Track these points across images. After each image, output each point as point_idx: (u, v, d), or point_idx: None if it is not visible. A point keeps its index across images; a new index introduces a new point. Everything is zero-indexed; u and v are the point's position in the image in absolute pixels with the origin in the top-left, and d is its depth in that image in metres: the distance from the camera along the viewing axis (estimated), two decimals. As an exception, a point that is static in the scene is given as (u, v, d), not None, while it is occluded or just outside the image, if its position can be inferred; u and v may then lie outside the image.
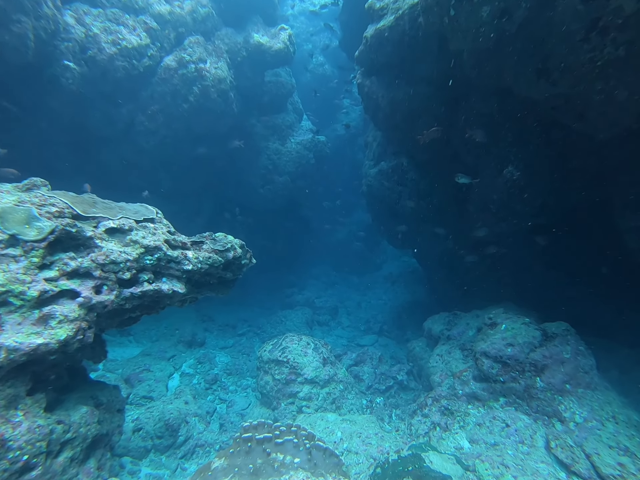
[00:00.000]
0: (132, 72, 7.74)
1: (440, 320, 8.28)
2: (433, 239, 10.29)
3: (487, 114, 6.97)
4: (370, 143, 11.90)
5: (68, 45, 6.97)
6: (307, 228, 16.18)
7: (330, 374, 6.80)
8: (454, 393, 5.64)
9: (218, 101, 8.71)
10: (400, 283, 17.03)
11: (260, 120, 11.67)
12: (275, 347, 7.07)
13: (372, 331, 13.88)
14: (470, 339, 6.89)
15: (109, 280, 3.46)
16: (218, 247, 4.48)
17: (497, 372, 5.23)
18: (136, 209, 4.23)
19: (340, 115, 19.48)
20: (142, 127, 8.53)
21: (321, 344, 7.38)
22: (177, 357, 10.80)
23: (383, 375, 8.43)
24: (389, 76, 7.65)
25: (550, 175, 6.52)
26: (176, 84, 8.28)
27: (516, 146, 6.71)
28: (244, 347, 12.01)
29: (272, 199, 12.22)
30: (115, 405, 4.15)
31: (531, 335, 5.31)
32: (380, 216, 11.75)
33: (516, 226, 7.49)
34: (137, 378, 9.22)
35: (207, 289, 4.88)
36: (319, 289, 16.58)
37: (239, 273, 5.03)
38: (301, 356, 6.80)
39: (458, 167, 8.69)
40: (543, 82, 4.20)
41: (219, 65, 8.60)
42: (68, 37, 7.03)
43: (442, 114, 7.71)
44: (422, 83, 7.45)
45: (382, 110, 7.83)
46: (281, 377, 6.67)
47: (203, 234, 4.59)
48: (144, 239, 3.80)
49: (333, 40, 18.82)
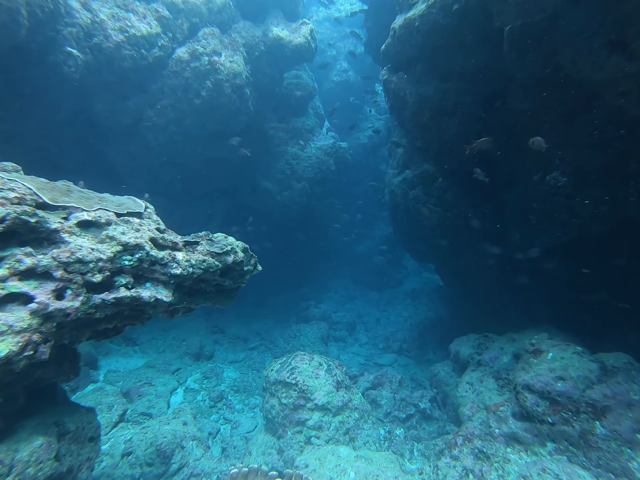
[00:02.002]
0: (140, 63, 7.28)
1: (469, 342, 7.41)
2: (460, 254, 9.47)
3: (529, 111, 6.20)
4: (395, 150, 11.21)
5: (72, 30, 6.54)
6: (325, 239, 15.50)
7: (344, 400, 6.01)
8: (489, 432, 4.78)
9: (232, 97, 8.18)
10: (422, 299, 16.24)
11: (278, 122, 11.13)
12: (284, 366, 6.34)
13: (391, 350, 13.05)
14: (505, 367, 6.02)
15: (74, 283, 2.82)
16: (215, 250, 3.82)
17: (544, 410, 4.37)
18: (121, 202, 3.62)
19: (364, 123, 18.89)
20: (150, 122, 8.05)
21: (335, 364, 6.61)
22: (182, 370, 10.17)
23: (403, 401, 7.59)
24: (418, 71, 6.97)
25: (603, 181, 5.68)
26: (188, 78, 7.79)
27: (563, 148, 5.91)
28: (255, 362, 11.30)
29: (289, 206, 11.60)
30: (86, 433, 3.49)
31: (586, 368, 4.44)
32: (403, 228, 10.99)
33: (560, 239, 6.62)
34: (137, 392, 8.61)
35: (203, 298, 4.22)
36: (336, 302, 15.83)
37: (240, 281, 4.36)
38: (312, 378, 6.04)
39: (491, 174, 7.92)
40: (615, 59, 3.45)
41: (235, 59, 8.09)
42: (72, 22, 6.61)
43: (475, 112, 6.97)
44: (455, 78, 6.74)
45: (409, 108, 7.14)
46: (288, 401, 5.91)
47: (199, 234, 3.95)
48: (123, 235, 3.17)
49: (358, 47, 18.35)
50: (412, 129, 7.64)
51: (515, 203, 7.18)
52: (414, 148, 9.87)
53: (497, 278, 9.64)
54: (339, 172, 12.93)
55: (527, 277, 8.42)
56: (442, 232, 9.55)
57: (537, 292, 8.69)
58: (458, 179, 8.68)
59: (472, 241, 8.89)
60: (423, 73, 6.94)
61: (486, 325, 10.56)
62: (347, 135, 17.92)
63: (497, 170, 7.48)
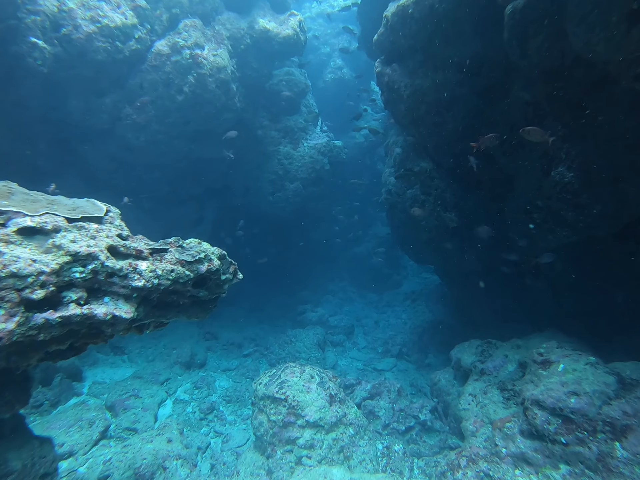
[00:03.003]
0: (116, 56, 6.84)
1: (471, 349, 7.01)
2: (461, 254, 9.06)
3: (532, 103, 5.80)
4: (391, 148, 10.81)
5: (36, 19, 6.10)
6: (321, 241, 15.10)
7: (338, 415, 5.58)
8: (496, 452, 4.37)
9: (217, 93, 7.75)
10: (421, 301, 15.89)
11: (270, 120, 10.72)
12: (273, 380, 5.91)
13: (391, 354, 12.66)
14: (510, 376, 5.60)
15: (7, 302, 2.41)
16: (186, 258, 3.41)
17: (556, 429, 3.96)
18: (77, 205, 3.21)
19: (360, 122, 18.47)
20: (129, 120, 7.60)
21: (328, 376, 6.19)
22: (172, 380, 9.73)
23: (402, 412, 7.17)
24: (413, 62, 6.57)
25: (613, 177, 5.28)
26: (169, 72, 7.36)
27: (569, 141, 5.50)
28: (248, 370, 10.88)
29: (282, 208, 11.18)
30: (37, 470, 3.07)
31: (602, 382, 4.03)
32: (401, 229, 10.58)
33: (566, 239, 6.21)
34: (123, 405, 8.17)
35: (176, 311, 3.80)
36: (334, 305, 15.44)
37: (218, 291, 3.94)
38: (303, 393, 5.61)
39: (491, 171, 7.53)
40: (636, 33, 3.04)
41: (219, 53, 7.65)
42: (35, 10, 6.13)
43: (474, 104, 6.58)
44: (453, 69, 6.34)
45: (404, 102, 6.74)
46: (277, 418, 5.48)
47: (167, 240, 3.53)
48: (73, 243, 2.76)
49: (353, 44, 17.96)
50: (408, 124, 7.24)
51: (519, 201, 6.77)
52: (411, 145, 9.48)
53: (499, 280, 9.26)
54: (334, 172, 12.52)
55: (531, 278, 8.03)
56: (440, 233, 9.16)
57: (541, 294, 8.30)
58: (457, 177, 8.29)
59: (473, 242, 8.50)
60: (418, 64, 6.54)
61: (488, 327, 10.19)
62: (343, 134, 17.54)
63: (498, 167, 7.09)
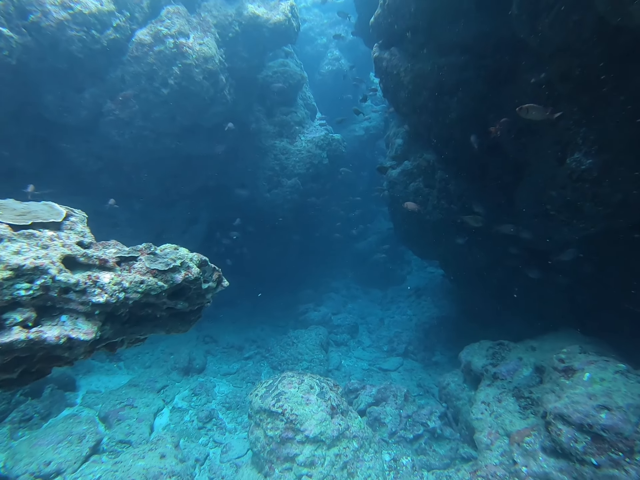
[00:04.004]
0: (92, 46, 6.38)
1: (482, 351, 6.58)
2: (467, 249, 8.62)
3: (544, 85, 5.32)
4: (392, 140, 10.35)
5: (-4, 4, 5.61)
6: (322, 238, 14.69)
7: (340, 428, 5.17)
8: (515, 471, 3.94)
9: (205, 85, 7.27)
10: (427, 296, 15.58)
11: (264, 114, 10.25)
12: (269, 391, 5.50)
13: (396, 353, 12.34)
14: (526, 382, 5.17)
15: None
16: (158, 267, 2.98)
17: (585, 448, 3.53)
18: (28, 209, 2.79)
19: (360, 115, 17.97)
20: (112, 116, 7.14)
21: (329, 385, 5.77)
22: (169, 387, 9.37)
23: (410, 419, 6.76)
24: (413, 45, 6.09)
25: (636, 162, 4.81)
26: (152, 64, 6.88)
27: (586, 125, 5.02)
28: (249, 374, 10.51)
29: (280, 205, 10.74)
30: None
31: (637, 394, 3.59)
32: (404, 224, 10.14)
33: (584, 232, 5.75)
34: (117, 416, 7.81)
35: (152, 325, 3.38)
36: (337, 303, 15.06)
37: (200, 301, 3.51)
38: (301, 405, 5.20)
39: (499, 162, 7.08)
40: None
41: (205, 42, 7.17)
42: (-5, -7, 5.63)
43: (479, 89, 6.10)
44: (456, 51, 5.88)
45: (404, 88, 6.27)
46: (275, 433, 5.07)
47: (138, 246, 3.11)
48: (16, 255, 2.34)
49: (349, 33, 17.43)
50: (409, 112, 6.77)
51: (530, 192, 6.30)
52: (412, 135, 9.02)
53: (507, 274, 8.84)
54: (333, 166, 12.06)
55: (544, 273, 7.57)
56: (445, 227, 8.71)
57: (553, 289, 7.85)
58: (461, 168, 7.83)
59: (479, 236, 8.05)
60: (419, 46, 6.06)
61: (496, 323, 9.78)
62: (342, 127, 17.06)
63: (506, 155, 6.62)
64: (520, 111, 4.64)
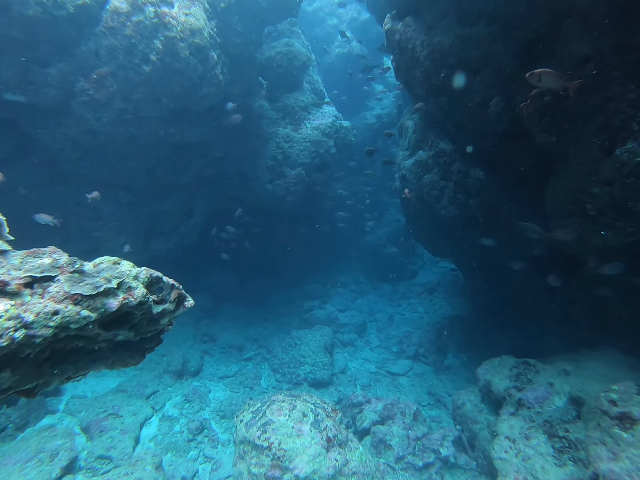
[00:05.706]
0: (55, 12, 5.51)
1: (503, 369, 5.75)
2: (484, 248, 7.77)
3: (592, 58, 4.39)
4: (406, 128, 9.45)
5: None
6: (329, 231, 13.91)
7: (337, 465, 4.40)
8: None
9: (192, 62, 6.41)
10: (440, 293, 14.85)
11: (266, 98, 9.39)
12: (256, 418, 4.75)
13: (406, 355, 11.63)
14: (560, 415, 4.34)
15: None
16: (83, 290, 2.23)
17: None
18: None
19: (372, 102, 16.99)
20: (86, 96, 6.27)
21: (326, 412, 4.99)
22: (160, 393, 8.72)
23: (419, 442, 6.01)
24: (431, 14, 5.18)
25: None
26: (130, 36, 6.02)
27: (643, 107, 4.11)
28: (248, 378, 9.83)
29: (282, 197, 9.93)
30: None
31: None
32: (417, 218, 9.30)
33: (630, 236, 4.85)
34: (99, 427, 7.18)
35: (89, 360, 2.63)
36: (345, 299, 14.33)
37: (152, 328, 2.75)
38: (292, 438, 4.44)
39: (526, 151, 6.17)
40: None
41: (192, 12, 6.28)
42: None
43: (510, 66, 5.18)
44: (482, 20, 4.95)
45: (420, 65, 5.38)
46: (259, 471, 4.32)
47: (59, 261, 2.34)
48: None
49: (362, 14, 16.38)
50: (425, 94, 5.88)
51: (564, 188, 5.39)
52: (428, 122, 8.12)
53: (529, 276, 7.99)
54: (341, 155, 11.18)
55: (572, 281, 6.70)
56: (462, 223, 7.86)
57: (587, 301, 6.97)
58: (482, 160, 6.95)
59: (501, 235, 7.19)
60: (438, 16, 5.14)
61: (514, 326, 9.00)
62: (353, 115, 16.12)
63: (536, 148, 5.70)
64: (531, 77, 3.72)
